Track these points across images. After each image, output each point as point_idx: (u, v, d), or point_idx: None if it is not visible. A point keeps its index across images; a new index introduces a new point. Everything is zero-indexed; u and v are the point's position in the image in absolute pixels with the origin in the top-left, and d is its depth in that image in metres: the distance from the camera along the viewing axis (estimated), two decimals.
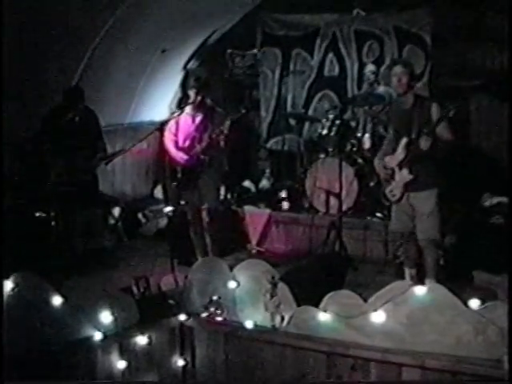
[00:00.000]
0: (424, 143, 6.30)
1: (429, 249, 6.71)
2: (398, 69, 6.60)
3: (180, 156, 7.71)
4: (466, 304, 5.04)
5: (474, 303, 5.06)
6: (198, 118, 7.74)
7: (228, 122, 7.51)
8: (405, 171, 6.59)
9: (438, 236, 6.68)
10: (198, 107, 7.73)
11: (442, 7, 9.24)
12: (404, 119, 6.62)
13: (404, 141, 6.53)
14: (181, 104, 9.96)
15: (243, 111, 7.75)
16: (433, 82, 9.35)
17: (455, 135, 6.48)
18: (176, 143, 7.79)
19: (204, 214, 7.84)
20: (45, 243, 7.65)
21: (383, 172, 6.85)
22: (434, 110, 6.44)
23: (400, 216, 6.83)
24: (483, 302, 5.10)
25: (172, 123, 7.74)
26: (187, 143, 7.76)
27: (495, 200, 8.44)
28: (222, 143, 7.58)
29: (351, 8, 9.97)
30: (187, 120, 7.77)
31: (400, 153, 6.58)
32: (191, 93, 7.73)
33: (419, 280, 6.69)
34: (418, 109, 6.56)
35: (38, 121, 7.82)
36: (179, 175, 7.61)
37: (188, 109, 7.73)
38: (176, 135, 7.79)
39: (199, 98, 7.67)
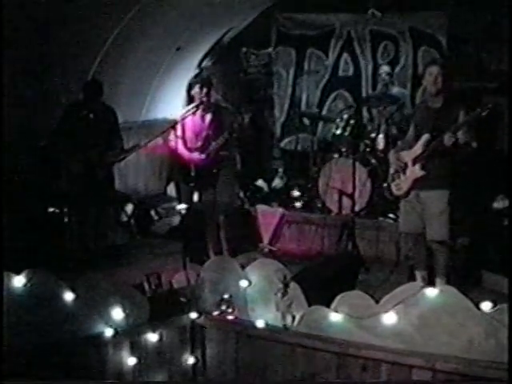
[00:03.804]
0: (448, 139, 6.29)
1: (439, 250, 6.71)
2: (435, 69, 6.58)
3: (195, 156, 7.66)
4: (477, 306, 5.02)
5: (486, 306, 5.03)
6: (208, 116, 7.70)
7: (248, 117, 7.51)
8: (417, 167, 6.60)
9: (448, 237, 6.67)
10: (205, 105, 7.70)
11: (457, 9, 9.21)
12: (430, 118, 6.61)
13: (425, 137, 6.54)
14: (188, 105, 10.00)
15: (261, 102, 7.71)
16: None
17: (477, 141, 6.50)
18: (184, 144, 7.75)
19: (219, 213, 7.83)
20: (57, 239, 7.67)
21: (396, 164, 6.86)
22: (462, 113, 6.44)
23: (409, 217, 6.83)
24: (495, 304, 5.08)
25: (177, 125, 7.71)
26: (200, 143, 7.73)
27: (507, 202, 8.40)
28: (243, 136, 7.60)
29: (366, 8, 9.96)
30: (196, 119, 7.74)
31: (418, 148, 6.60)
32: (196, 88, 7.69)
33: (430, 281, 6.68)
34: (446, 110, 6.56)
35: (52, 117, 7.85)
36: (193, 174, 7.60)
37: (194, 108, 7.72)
38: (183, 137, 7.75)
39: (204, 91, 7.63)
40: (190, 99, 8.01)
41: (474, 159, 7.68)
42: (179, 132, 7.74)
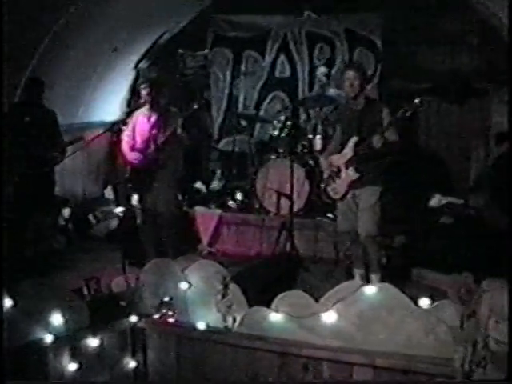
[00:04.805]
0: (376, 141, 6.38)
1: (370, 245, 6.79)
2: (350, 73, 6.69)
3: (134, 157, 7.65)
4: (415, 303, 5.11)
5: (424, 302, 5.13)
6: (153, 118, 7.69)
7: (181, 120, 7.48)
8: (351, 170, 6.68)
9: (377, 232, 6.75)
10: (153, 107, 7.69)
11: (391, 10, 9.32)
12: (354, 120, 6.71)
13: (353, 140, 6.62)
14: (130, 105, 9.92)
15: (195, 107, 7.69)
16: (383, 84, 9.45)
17: (403, 138, 6.63)
18: (132, 147, 7.73)
19: (158, 216, 7.80)
20: None
21: (329, 169, 6.93)
22: (385, 113, 6.55)
23: (346, 215, 6.90)
24: (433, 301, 5.17)
25: (129, 128, 7.71)
26: (143, 144, 7.69)
27: (443, 200, 8.55)
28: (177, 141, 7.57)
29: (302, 10, 10.02)
30: (143, 120, 7.72)
31: (348, 151, 6.68)
32: (143, 91, 7.67)
33: (368, 279, 6.77)
34: (368, 111, 6.67)
35: None
36: (132, 176, 7.57)
37: (143, 109, 7.70)
38: (133, 138, 7.75)
39: (152, 95, 7.61)
40: (136, 96, 7.97)
41: (407, 159, 7.84)
42: (129, 131, 7.73)
